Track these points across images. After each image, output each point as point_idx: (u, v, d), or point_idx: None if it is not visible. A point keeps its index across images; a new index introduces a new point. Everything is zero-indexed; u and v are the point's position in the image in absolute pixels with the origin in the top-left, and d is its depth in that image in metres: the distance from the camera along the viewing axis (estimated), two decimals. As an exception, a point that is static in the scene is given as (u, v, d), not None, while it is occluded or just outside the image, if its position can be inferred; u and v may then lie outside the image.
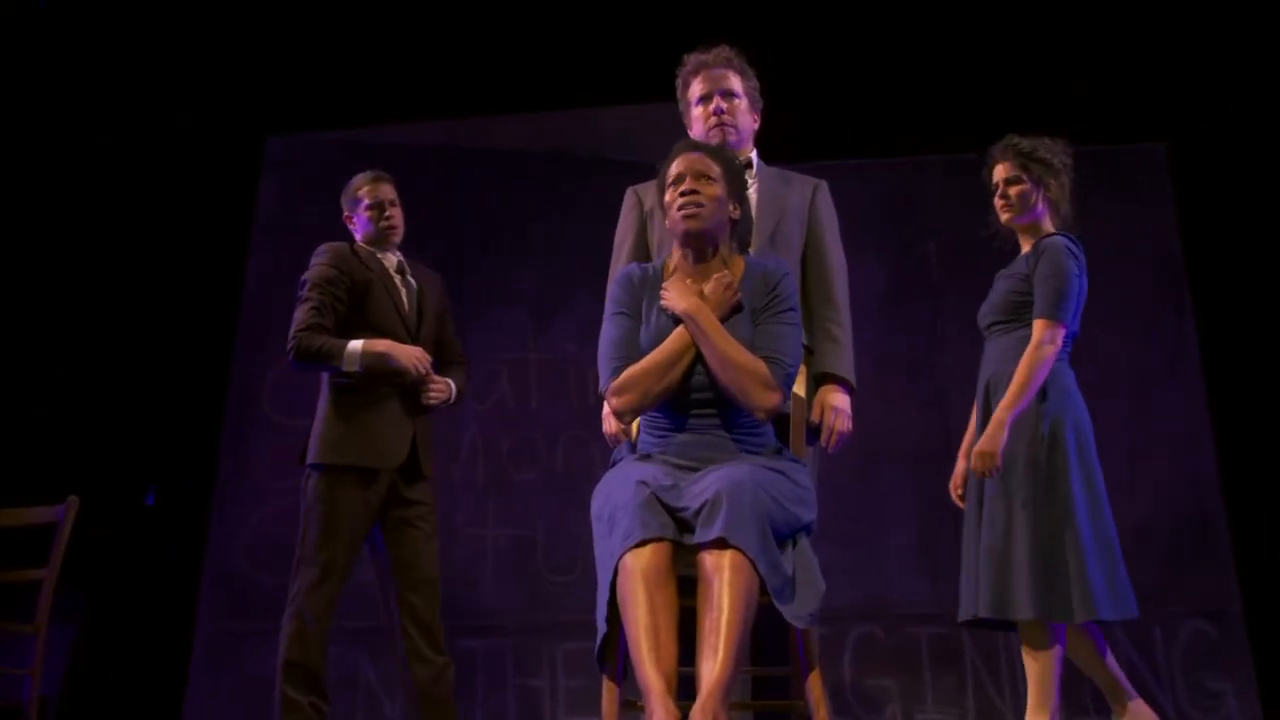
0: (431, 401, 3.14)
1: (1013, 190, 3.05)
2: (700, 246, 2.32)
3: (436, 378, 3.18)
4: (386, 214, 3.30)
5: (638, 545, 1.97)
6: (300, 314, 3.13)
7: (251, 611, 4.64)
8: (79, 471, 4.85)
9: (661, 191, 2.39)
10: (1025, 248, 3.10)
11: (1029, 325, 2.92)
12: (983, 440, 2.80)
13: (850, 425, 2.70)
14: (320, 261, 3.19)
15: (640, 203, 2.84)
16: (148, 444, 5.13)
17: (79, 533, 3.49)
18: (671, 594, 1.96)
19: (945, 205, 4.67)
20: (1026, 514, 2.80)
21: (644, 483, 2.06)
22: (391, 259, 3.31)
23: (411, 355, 3.09)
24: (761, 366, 2.19)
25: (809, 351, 2.71)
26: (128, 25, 5.17)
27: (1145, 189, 4.84)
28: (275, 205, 5.13)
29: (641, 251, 2.79)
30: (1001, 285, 3.08)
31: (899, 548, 4.48)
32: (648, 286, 2.36)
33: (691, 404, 2.25)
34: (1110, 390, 4.64)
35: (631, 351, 2.26)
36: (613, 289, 2.39)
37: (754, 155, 2.86)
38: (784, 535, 2.09)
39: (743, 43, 2.96)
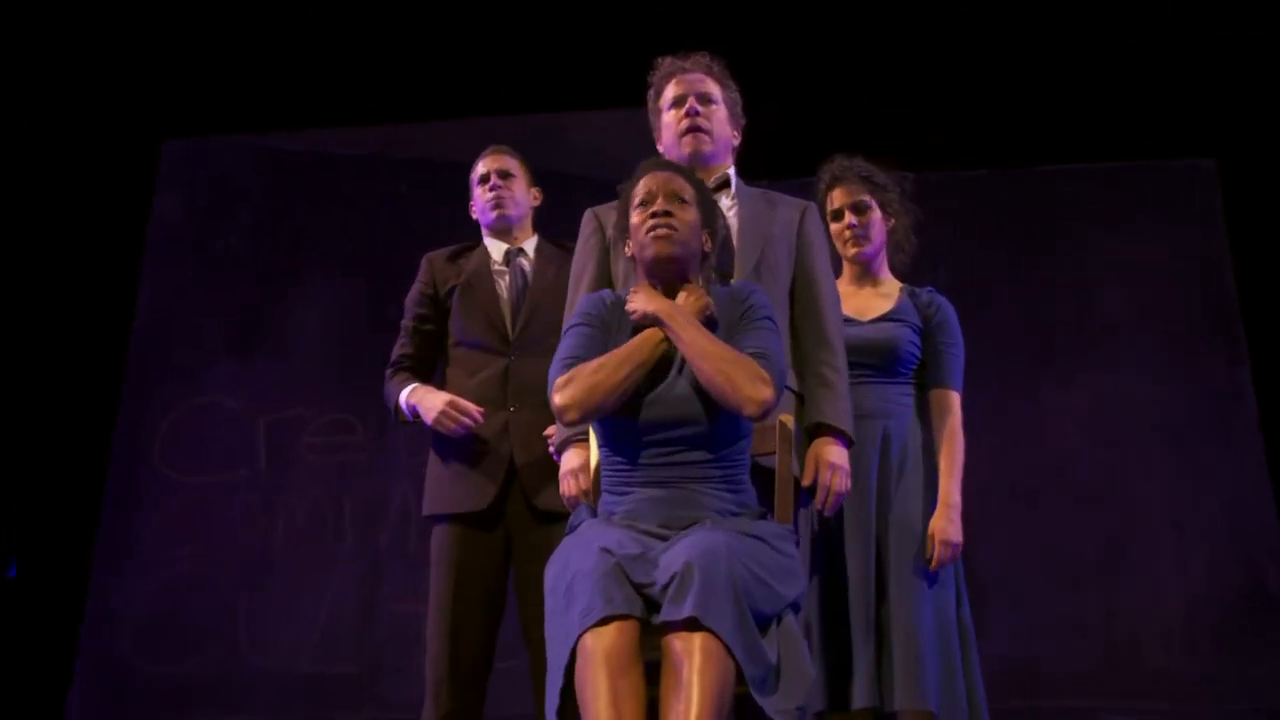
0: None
1: (862, 219, 3.21)
2: (669, 275, 2.40)
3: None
4: (491, 184, 3.30)
5: (599, 623, 1.97)
6: (395, 347, 3.26)
7: (135, 708, 4.61)
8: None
9: (624, 216, 2.47)
10: (861, 284, 3.24)
11: (911, 383, 3.13)
12: (948, 526, 2.97)
13: (849, 484, 2.70)
14: (417, 278, 3.29)
15: (601, 228, 2.85)
16: (11, 503, 5.06)
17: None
18: (637, 681, 1.95)
19: (956, 225, 4.79)
20: (944, 600, 3.00)
21: (607, 550, 2.07)
22: (500, 246, 3.28)
23: (433, 410, 3.02)
24: (749, 359, 2.27)
25: (799, 399, 2.72)
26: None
27: (1191, 211, 4.96)
28: (173, 220, 5.24)
29: (603, 283, 2.80)
30: (889, 330, 3.14)
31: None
32: (617, 312, 2.44)
33: (659, 444, 2.30)
34: (1150, 447, 4.74)
35: (590, 352, 2.34)
36: (580, 303, 2.48)
37: (732, 174, 2.91)
38: (766, 615, 2.09)
39: (725, 45, 3.02)
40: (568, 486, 2.65)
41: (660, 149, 2.95)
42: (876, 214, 3.24)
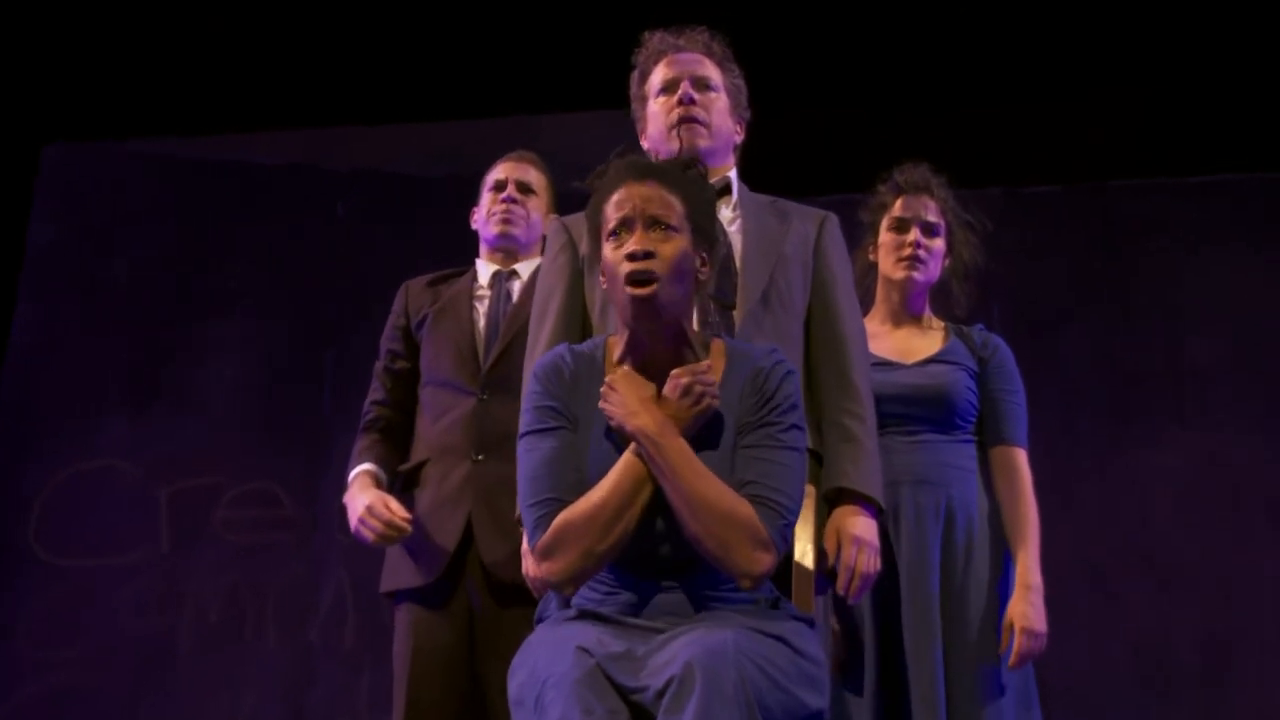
0: None
1: (929, 243, 3.30)
2: (656, 328, 2.28)
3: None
4: (506, 195, 3.34)
5: (577, 739, 1.90)
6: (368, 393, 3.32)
7: None
8: None
9: (595, 235, 2.36)
10: (900, 321, 3.32)
11: (973, 440, 3.20)
12: (1029, 612, 3.01)
13: (878, 564, 2.66)
14: (391, 309, 3.35)
15: (573, 242, 2.80)
16: None
17: None
18: (624, 811, 1.92)
19: (1015, 252, 4.75)
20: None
21: (585, 650, 2.03)
22: (491, 269, 3.31)
23: (353, 517, 3.02)
24: (749, 513, 2.18)
25: (816, 459, 2.68)
26: None
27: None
28: (55, 242, 5.20)
29: (575, 317, 2.76)
30: (942, 374, 3.20)
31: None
32: (583, 385, 2.33)
33: (650, 560, 2.25)
34: (1255, 522, 4.75)
35: (566, 481, 2.25)
36: (531, 388, 2.35)
37: (734, 178, 2.89)
38: (783, 728, 2.02)
39: (742, 40, 3.00)
40: (530, 565, 2.56)
41: (645, 146, 2.91)
42: (942, 244, 3.32)
